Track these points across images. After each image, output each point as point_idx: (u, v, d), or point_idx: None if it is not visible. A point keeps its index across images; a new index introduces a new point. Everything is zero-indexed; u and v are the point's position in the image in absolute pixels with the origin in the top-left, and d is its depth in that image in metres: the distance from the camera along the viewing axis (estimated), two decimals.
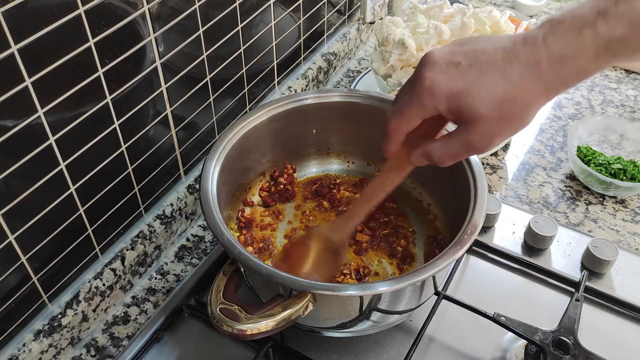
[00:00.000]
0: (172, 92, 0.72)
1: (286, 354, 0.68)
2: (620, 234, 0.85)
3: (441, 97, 0.48)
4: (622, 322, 0.74)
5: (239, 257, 0.58)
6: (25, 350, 0.63)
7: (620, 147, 0.96)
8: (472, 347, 0.70)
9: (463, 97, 0.47)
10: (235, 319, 0.54)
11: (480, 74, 0.47)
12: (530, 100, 0.47)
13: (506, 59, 0.47)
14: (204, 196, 0.64)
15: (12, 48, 0.50)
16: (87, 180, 0.64)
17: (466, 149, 0.50)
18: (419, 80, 0.49)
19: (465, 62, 0.48)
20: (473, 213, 0.63)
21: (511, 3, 1.36)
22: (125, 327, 0.73)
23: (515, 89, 0.47)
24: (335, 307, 0.61)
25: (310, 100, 0.77)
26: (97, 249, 0.71)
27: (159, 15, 0.65)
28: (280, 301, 0.56)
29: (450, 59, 0.48)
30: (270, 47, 0.90)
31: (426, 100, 0.49)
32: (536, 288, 0.77)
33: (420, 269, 0.58)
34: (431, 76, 0.48)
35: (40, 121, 0.56)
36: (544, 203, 0.90)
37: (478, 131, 0.48)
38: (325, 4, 1.02)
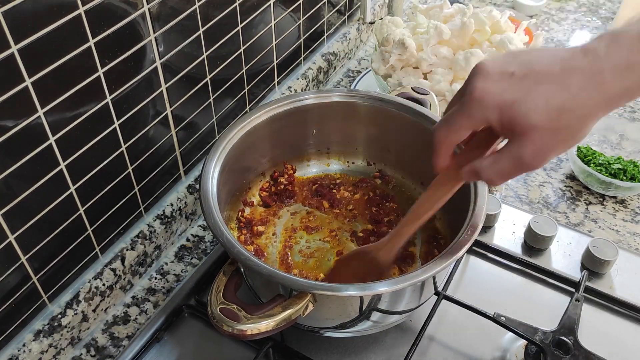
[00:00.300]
0: (172, 92, 0.72)
1: (286, 354, 0.68)
2: (620, 234, 0.85)
3: (493, 107, 0.46)
4: (622, 322, 0.74)
5: (238, 257, 0.58)
6: (25, 350, 0.63)
7: (620, 147, 0.96)
8: (472, 347, 0.70)
9: (516, 106, 0.45)
10: (235, 319, 0.54)
11: (536, 83, 0.45)
12: (590, 111, 0.45)
13: (565, 69, 0.45)
14: (204, 196, 0.64)
15: (12, 48, 0.50)
16: (87, 180, 0.64)
17: (517, 165, 0.47)
18: (469, 90, 0.47)
19: (520, 71, 0.45)
20: (473, 213, 0.63)
21: (511, 3, 1.36)
22: (125, 327, 0.73)
23: (574, 99, 0.44)
24: (335, 307, 0.61)
25: (310, 100, 0.77)
26: (97, 249, 0.71)
27: (159, 15, 0.65)
28: (281, 301, 0.56)
29: (503, 68, 0.46)
30: (270, 47, 0.90)
31: (475, 110, 0.47)
32: (536, 288, 0.77)
33: (420, 270, 0.58)
34: (482, 85, 0.46)
35: (40, 121, 0.56)
36: (544, 203, 0.90)
37: (530, 145, 0.46)
38: (325, 4, 1.02)
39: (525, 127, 0.45)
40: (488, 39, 0.93)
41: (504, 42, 0.89)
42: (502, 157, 0.48)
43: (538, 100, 0.44)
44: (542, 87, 0.44)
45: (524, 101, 0.45)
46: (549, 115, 0.44)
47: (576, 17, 1.33)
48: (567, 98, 0.44)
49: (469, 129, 0.49)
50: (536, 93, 0.44)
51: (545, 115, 0.44)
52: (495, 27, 0.94)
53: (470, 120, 0.48)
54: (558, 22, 1.31)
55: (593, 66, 0.44)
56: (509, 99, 0.45)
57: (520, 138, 0.46)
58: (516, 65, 0.46)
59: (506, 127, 0.46)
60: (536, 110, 0.44)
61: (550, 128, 0.45)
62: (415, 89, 0.80)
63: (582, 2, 1.38)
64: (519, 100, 0.45)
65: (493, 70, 0.46)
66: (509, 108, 0.45)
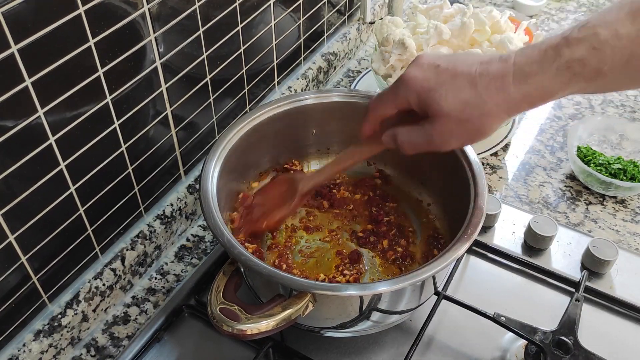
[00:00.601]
0: (172, 92, 0.72)
1: (286, 354, 0.68)
2: (620, 234, 0.85)
3: (414, 90, 0.54)
4: (622, 322, 0.74)
5: (239, 257, 0.58)
6: (25, 350, 0.63)
7: (620, 147, 0.96)
8: (472, 347, 0.70)
9: (432, 94, 0.53)
10: (235, 319, 0.54)
11: (453, 77, 0.52)
12: (491, 110, 0.51)
13: (479, 70, 0.51)
14: (203, 196, 0.64)
15: (12, 48, 0.50)
16: (87, 180, 0.64)
17: (425, 140, 0.56)
18: (402, 75, 0.56)
19: (444, 66, 0.53)
20: (473, 213, 0.63)
21: (511, 3, 1.36)
22: (125, 327, 0.73)
23: (479, 96, 0.51)
24: (335, 307, 0.61)
25: (310, 100, 0.77)
26: (97, 249, 0.71)
27: (159, 15, 0.65)
28: (280, 301, 0.56)
29: (433, 61, 0.54)
30: (270, 47, 0.90)
31: (400, 90, 0.55)
32: (536, 288, 0.77)
33: (420, 269, 0.58)
34: (411, 71, 0.55)
35: (40, 121, 0.56)
36: (544, 203, 0.90)
37: (438, 127, 0.54)
38: (325, 4, 1.02)
39: (436, 112, 0.53)
40: (488, 39, 0.93)
41: (504, 42, 0.89)
42: (416, 130, 0.56)
43: (449, 92, 0.52)
44: (456, 81, 0.52)
45: (438, 90, 0.52)
46: (455, 107, 0.52)
47: (576, 17, 1.33)
48: (472, 95, 0.51)
49: (394, 106, 0.58)
50: (450, 85, 0.52)
51: (453, 106, 0.52)
52: (495, 27, 0.94)
53: (396, 98, 0.57)
54: (558, 22, 1.31)
55: (500, 70, 0.50)
56: (427, 86, 0.53)
57: (432, 120, 0.54)
58: (444, 61, 0.54)
59: (422, 110, 0.55)
60: (446, 100, 0.52)
61: (455, 117, 0.52)
62: None
63: (582, 2, 1.38)
64: (434, 89, 0.53)
65: (425, 61, 0.54)
66: (425, 93, 0.53)
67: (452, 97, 0.52)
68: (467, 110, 0.52)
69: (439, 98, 0.52)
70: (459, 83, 0.52)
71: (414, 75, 0.54)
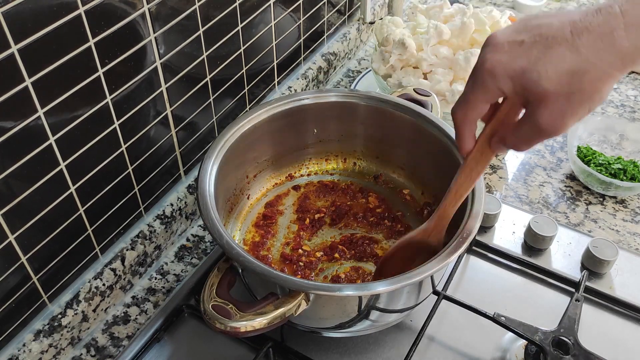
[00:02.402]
0: (172, 92, 0.72)
1: (286, 354, 0.68)
2: (620, 234, 0.85)
3: (504, 77, 0.46)
4: (622, 322, 0.74)
5: (237, 258, 0.58)
6: (25, 350, 0.63)
7: (620, 147, 0.96)
8: (472, 347, 0.70)
9: (527, 74, 0.45)
10: (227, 316, 0.54)
11: (546, 48, 0.44)
12: (604, 72, 0.44)
13: (575, 31, 0.43)
14: (201, 195, 0.64)
15: (12, 48, 0.50)
16: (87, 180, 0.64)
17: (537, 132, 0.47)
18: (479, 63, 0.47)
19: (530, 39, 0.45)
20: (470, 215, 0.63)
21: (511, 3, 1.36)
22: (125, 327, 0.73)
23: (585, 60, 0.43)
24: (331, 306, 0.61)
25: (309, 100, 0.77)
26: (97, 249, 0.71)
27: (159, 15, 0.65)
28: (273, 299, 0.56)
29: (513, 38, 0.46)
30: (270, 47, 0.90)
31: (489, 82, 0.47)
32: (536, 288, 0.77)
33: (415, 271, 0.58)
34: (492, 57, 0.46)
35: (40, 121, 0.56)
36: (544, 203, 0.90)
37: (546, 111, 0.45)
38: (325, 4, 1.02)
39: (538, 94, 0.45)
40: None
41: None
42: (522, 125, 0.48)
43: (548, 65, 0.44)
44: (552, 52, 0.44)
45: (534, 68, 0.44)
46: (559, 80, 0.44)
47: None
48: (577, 61, 0.43)
49: (486, 102, 0.49)
50: (546, 59, 0.44)
51: (557, 81, 0.44)
52: (495, 27, 0.94)
53: (485, 93, 0.48)
54: None
55: (604, 26, 0.43)
56: (518, 68, 0.45)
57: (536, 105, 0.46)
58: (526, 33, 0.45)
59: (521, 96, 0.46)
60: (547, 76, 0.44)
61: (562, 93, 0.44)
62: (417, 90, 0.80)
63: (582, 2, 1.38)
64: (529, 68, 0.44)
65: (502, 40, 0.46)
66: (519, 77, 0.45)
67: (553, 71, 0.44)
68: (575, 80, 0.44)
69: (537, 77, 0.44)
70: (557, 53, 0.44)
71: (498, 59, 0.46)
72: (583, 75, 0.44)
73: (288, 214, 0.79)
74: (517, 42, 0.45)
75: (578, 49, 0.43)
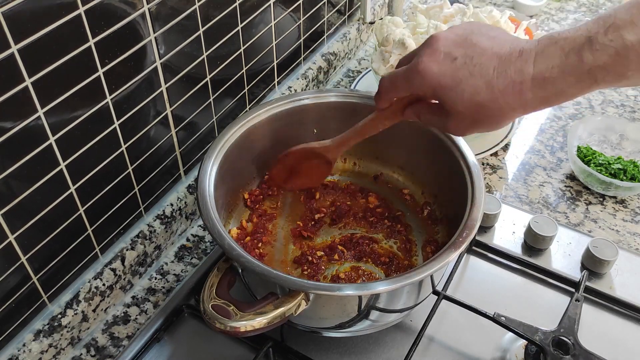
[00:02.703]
0: (172, 92, 0.72)
1: (286, 354, 0.68)
2: (620, 234, 0.85)
3: (429, 84, 0.53)
4: (622, 322, 0.74)
5: (237, 258, 0.58)
6: (25, 350, 0.63)
7: (620, 147, 0.96)
8: (472, 347, 0.70)
9: (447, 91, 0.52)
10: (227, 316, 0.54)
11: (470, 76, 0.51)
12: (507, 112, 0.51)
13: (497, 69, 0.50)
14: (201, 195, 0.64)
15: (12, 48, 0.50)
16: (87, 180, 0.65)
17: (443, 129, 0.57)
18: (417, 60, 0.54)
19: (462, 59, 0.51)
20: (470, 215, 0.63)
21: (511, 3, 1.36)
22: (125, 327, 0.73)
23: (494, 100, 0.50)
24: (330, 306, 0.61)
25: (309, 100, 0.77)
26: (97, 249, 0.71)
27: (159, 15, 0.65)
28: (273, 299, 0.56)
29: (450, 50, 0.52)
30: (270, 47, 0.90)
31: (416, 81, 0.54)
32: (536, 288, 0.77)
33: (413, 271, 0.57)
34: (427, 62, 0.53)
35: (41, 121, 0.56)
36: (544, 203, 0.90)
37: (454, 122, 0.54)
38: (325, 4, 1.02)
39: (451, 108, 0.53)
40: None
41: None
42: (434, 115, 0.58)
43: (465, 92, 0.51)
44: (473, 81, 0.51)
45: (454, 89, 0.52)
46: (470, 108, 0.52)
47: (576, 17, 1.33)
48: (488, 98, 0.51)
49: (407, 92, 0.58)
50: (466, 85, 0.51)
51: (467, 106, 0.52)
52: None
53: (410, 87, 0.56)
54: (558, 22, 1.31)
55: (518, 73, 0.49)
56: (443, 83, 0.52)
57: (447, 113, 0.54)
58: (462, 51, 0.52)
59: (436, 100, 0.55)
60: (462, 100, 0.52)
61: (470, 116, 0.53)
62: None
63: (582, 2, 1.38)
64: (450, 87, 0.52)
65: (442, 48, 0.52)
66: (440, 90, 0.53)
67: (468, 98, 0.51)
68: (482, 111, 0.52)
69: (454, 97, 0.52)
70: (475, 83, 0.51)
71: (430, 69, 0.52)
72: (489, 110, 0.51)
73: (288, 214, 0.79)
74: (451, 57, 0.52)
75: (493, 89, 0.50)
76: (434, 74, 0.52)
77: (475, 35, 0.52)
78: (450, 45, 0.52)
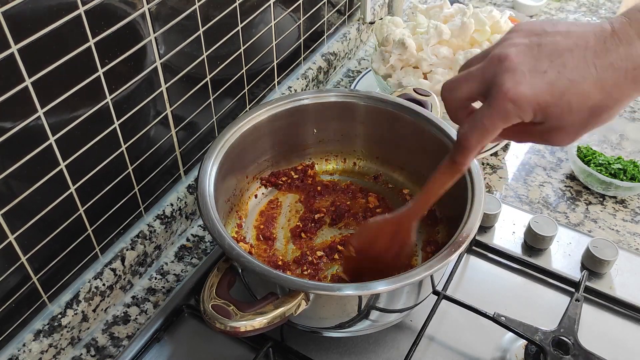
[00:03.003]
0: (172, 92, 0.72)
1: (286, 354, 0.68)
2: (620, 234, 0.85)
3: (527, 108, 0.45)
4: (622, 322, 0.74)
5: (238, 258, 0.58)
6: (25, 350, 0.63)
7: (620, 147, 0.96)
8: (472, 347, 0.70)
9: (551, 108, 0.45)
10: (227, 316, 0.54)
11: (571, 83, 0.44)
12: (623, 101, 0.45)
13: (598, 64, 0.44)
14: (201, 195, 0.64)
15: (12, 48, 0.50)
16: (87, 180, 0.65)
17: (544, 143, 0.49)
18: (499, 92, 0.45)
19: (553, 69, 0.44)
20: (470, 215, 0.63)
21: (511, 3, 1.36)
22: (125, 327, 0.73)
23: (608, 97, 0.44)
24: (330, 306, 0.61)
25: (309, 100, 0.77)
26: (97, 249, 0.71)
27: (159, 15, 0.65)
28: (273, 299, 0.56)
29: (532, 65, 0.45)
30: (270, 47, 0.90)
31: (511, 111, 0.45)
32: (536, 288, 0.77)
33: (414, 270, 0.58)
34: (514, 87, 0.45)
35: (40, 121, 0.56)
36: (544, 203, 0.90)
37: (560, 135, 0.47)
38: (325, 4, 1.02)
39: (559, 125, 0.46)
40: (488, 39, 0.93)
41: None
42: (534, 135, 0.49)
43: (573, 102, 0.44)
44: (577, 87, 0.44)
45: (559, 103, 0.45)
46: (582, 115, 0.45)
47: (576, 17, 1.33)
48: (601, 98, 0.44)
49: (503, 127, 0.48)
50: (571, 95, 0.44)
51: (578, 115, 0.45)
52: (495, 27, 0.94)
53: (506, 121, 0.47)
54: None
55: (626, 61, 0.43)
56: (543, 102, 0.45)
57: (552, 128, 0.46)
58: (546, 62, 0.45)
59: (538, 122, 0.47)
60: (569, 111, 0.45)
61: (581, 122, 0.46)
62: (416, 90, 0.80)
63: (582, 2, 1.38)
64: (553, 103, 0.45)
65: (522, 67, 0.45)
66: (543, 109, 0.45)
67: (578, 107, 0.44)
68: (595, 114, 0.45)
69: (560, 112, 0.45)
70: (581, 88, 0.44)
71: (522, 91, 0.44)
72: (604, 110, 0.45)
73: (288, 214, 0.79)
74: (539, 72, 0.44)
75: (603, 87, 0.44)
76: (529, 96, 0.44)
77: (546, 38, 0.46)
78: (528, 59, 0.45)
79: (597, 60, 0.44)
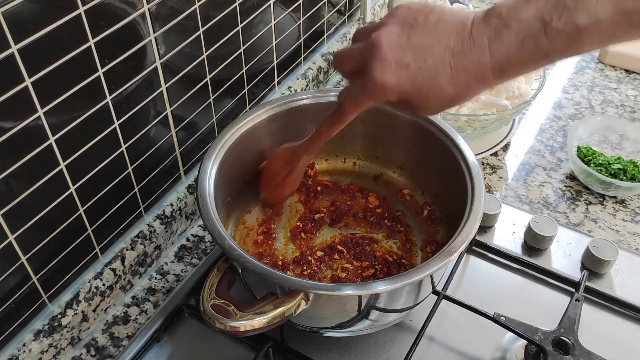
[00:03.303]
0: (172, 92, 0.72)
1: (286, 354, 0.68)
2: (620, 234, 0.85)
3: (392, 93, 0.52)
4: (622, 322, 0.74)
5: (238, 259, 0.58)
6: (25, 350, 0.63)
7: (620, 147, 0.96)
8: (472, 347, 0.70)
9: (411, 98, 0.52)
10: (227, 315, 0.54)
11: (429, 79, 0.51)
12: (472, 94, 0.52)
13: (454, 65, 0.50)
14: (201, 195, 0.64)
15: (12, 48, 0.50)
16: (87, 180, 0.65)
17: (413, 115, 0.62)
18: (369, 77, 0.52)
19: (415, 64, 0.50)
20: (470, 215, 0.63)
21: None
22: (125, 327, 0.73)
23: (460, 92, 0.51)
24: (330, 306, 0.61)
25: (309, 100, 0.77)
26: (97, 249, 0.71)
27: (159, 15, 0.65)
28: (273, 299, 0.56)
29: (399, 58, 0.50)
30: (270, 47, 0.90)
31: (379, 95, 0.53)
32: (536, 288, 0.77)
33: (412, 271, 0.58)
34: (381, 76, 0.51)
35: (40, 121, 0.56)
36: (544, 203, 0.90)
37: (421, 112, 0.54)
38: (325, 4, 1.02)
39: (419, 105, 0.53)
40: None
41: None
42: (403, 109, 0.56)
43: (430, 94, 0.51)
44: (434, 84, 0.51)
45: (418, 94, 0.52)
46: (438, 102, 0.52)
47: None
48: (453, 93, 0.51)
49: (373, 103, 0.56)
50: (428, 88, 0.51)
51: (435, 103, 0.52)
52: None
53: (375, 100, 0.55)
54: None
55: (477, 64, 0.49)
56: (404, 91, 0.51)
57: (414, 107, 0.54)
58: (411, 56, 0.50)
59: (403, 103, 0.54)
60: (427, 100, 0.52)
61: (438, 107, 0.53)
62: None
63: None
64: (414, 94, 0.52)
65: (389, 57, 0.51)
66: (404, 95, 0.52)
67: (434, 97, 0.51)
68: (450, 101, 0.52)
69: (419, 100, 0.52)
70: (438, 85, 0.50)
71: (386, 80, 0.51)
72: (455, 101, 0.52)
73: (288, 214, 0.79)
74: (402, 64, 0.50)
75: (456, 84, 0.50)
76: (392, 85, 0.51)
77: (417, 31, 0.51)
78: (397, 50, 0.50)
79: (454, 61, 0.50)
